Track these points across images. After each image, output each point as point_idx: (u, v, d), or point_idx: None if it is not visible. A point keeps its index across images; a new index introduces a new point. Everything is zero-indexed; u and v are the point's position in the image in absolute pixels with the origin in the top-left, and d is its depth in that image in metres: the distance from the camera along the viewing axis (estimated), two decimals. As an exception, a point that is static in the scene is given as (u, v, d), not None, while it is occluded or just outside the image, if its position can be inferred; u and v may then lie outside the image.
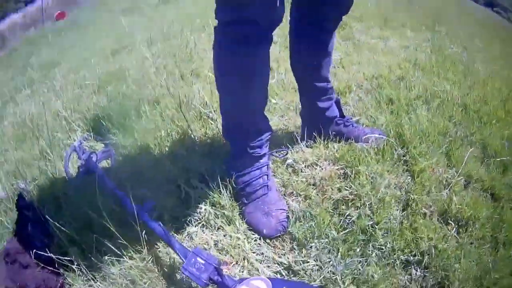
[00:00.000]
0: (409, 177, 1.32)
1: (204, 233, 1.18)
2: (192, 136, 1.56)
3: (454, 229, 1.16)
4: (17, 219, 1.32)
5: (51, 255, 1.13)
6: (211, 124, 1.67)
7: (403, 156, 1.40)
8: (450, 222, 1.17)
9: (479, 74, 2.49)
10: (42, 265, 1.17)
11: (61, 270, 1.17)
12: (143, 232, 1.08)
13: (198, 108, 1.79)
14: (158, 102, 2.03)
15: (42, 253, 1.16)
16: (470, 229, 1.14)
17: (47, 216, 1.25)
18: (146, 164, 1.48)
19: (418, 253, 1.07)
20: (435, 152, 1.42)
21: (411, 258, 1.06)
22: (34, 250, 1.18)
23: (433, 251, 1.05)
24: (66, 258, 1.13)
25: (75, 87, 3.32)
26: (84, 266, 1.11)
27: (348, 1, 1.28)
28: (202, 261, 0.95)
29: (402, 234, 1.10)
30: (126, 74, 2.61)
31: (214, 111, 1.75)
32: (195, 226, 1.20)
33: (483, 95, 2.07)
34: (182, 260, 0.99)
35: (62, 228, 1.21)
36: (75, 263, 1.12)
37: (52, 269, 1.17)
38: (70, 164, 1.81)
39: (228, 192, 1.23)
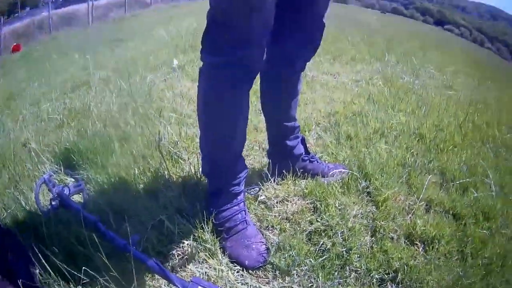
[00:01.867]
0: (373, 206, 1.42)
1: (187, 266, 1.20)
2: (166, 174, 1.57)
3: (421, 248, 1.26)
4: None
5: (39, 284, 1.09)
6: (182, 163, 1.67)
7: (367, 188, 1.49)
8: (416, 242, 1.27)
9: (433, 102, 2.58)
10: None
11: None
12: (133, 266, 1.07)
13: (167, 147, 1.78)
14: (127, 140, 2.00)
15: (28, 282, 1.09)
16: (436, 246, 1.24)
17: (32, 245, 1.19)
18: (124, 199, 1.46)
19: (391, 271, 1.15)
20: (396, 182, 1.53)
21: (385, 276, 1.14)
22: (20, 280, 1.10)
23: (405, 268, 1.14)
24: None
25: (38, 120, 3.23)
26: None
27: (318, 42, 1.34)
28: (204, 290, 0.96)
29: (374, 257, 1.18)
30: (89, 111, 2.57)
31: (185, 150, 1.75)
32: (180, 260, 1.21)
33: (438, 123, 2.19)
34: (180, 291, 0.99)
35: (49, 258, 1.16)
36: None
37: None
38: (41, 196, 1.74)
39: (209, 227, 1.25)
